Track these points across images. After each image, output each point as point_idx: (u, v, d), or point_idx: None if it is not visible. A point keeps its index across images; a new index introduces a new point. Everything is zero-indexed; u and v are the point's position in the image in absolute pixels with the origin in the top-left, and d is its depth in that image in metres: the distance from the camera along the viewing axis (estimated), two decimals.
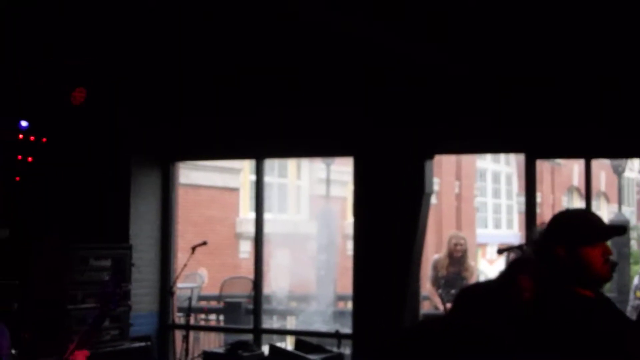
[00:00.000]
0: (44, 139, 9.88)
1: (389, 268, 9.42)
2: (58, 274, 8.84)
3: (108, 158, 10.40)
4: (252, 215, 10.85)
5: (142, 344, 9.46)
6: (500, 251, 8.08)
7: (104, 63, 9.82)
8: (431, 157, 9.51)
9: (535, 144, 9.07)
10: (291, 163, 20.72)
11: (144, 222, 10.55)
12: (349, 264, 9.99)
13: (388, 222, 9.47)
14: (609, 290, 12.88)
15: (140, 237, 10.42)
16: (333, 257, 14.83)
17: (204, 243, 9.63)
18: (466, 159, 23.39)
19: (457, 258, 11.40)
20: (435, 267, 11.53)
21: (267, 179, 10.72)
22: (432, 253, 13.90)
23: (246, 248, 19.49)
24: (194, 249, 9.43)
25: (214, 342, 12.58)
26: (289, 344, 11.58)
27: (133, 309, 9.62)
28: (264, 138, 10.22)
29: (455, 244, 11.45)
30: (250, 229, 18.58)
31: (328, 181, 18.43)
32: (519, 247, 7.84)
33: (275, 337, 12.46)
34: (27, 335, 8.00)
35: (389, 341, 4.36)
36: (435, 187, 15.67)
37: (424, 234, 9.63)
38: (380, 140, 9.54)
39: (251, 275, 10.97)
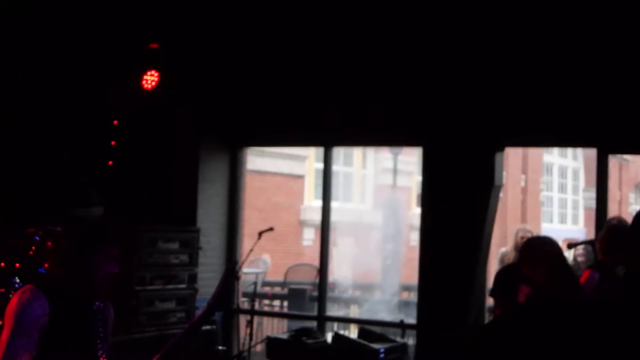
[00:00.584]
0: (115, 122, 9.99)
1: (456, 260, 9.36)
2: (127, 255, 8.92)
3: (178, 142, 10.48)
4: (317, 203, 10.86)
5: (208, 327, 9.50)
6: (570, 246, 7.99)
7: (175, 47, 9.90)
8: (501, 149, 9.41)
9: (608, 138, 8.92)
10: (357, 152, 20.69)
11: (211, 206, 10.61)
12: (413, 254, 9.95)
13: (456, 213, 9.40)
14: None
15: (207, 221, 10.48)
16: (399, 246, 14.80)
17: (271, 229, 9.64)
18: (533, 152, 23.17)
19: None
20: (502, 260, 11.42)
21: (333, 167, 10.70)
22: (496, 246, 13.79)
23: (310, 235, 19.55)
24: (260, 234, 9.45)
25: (277, 328, 12.64)
26: (352, 332, 11.56)
27: (199, 292, 9.69)
28: (333, 126, 10.20)
29: (522, 237, 11.30)
30: (315, 217, 18.68)
31: (395, 171, 18.38)
32: (590, 242, 7.75)
33: (337, 325, 12.46)
34: None
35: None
36: None
37: (492, 226, 9.55)
38: (450, 131, 9.46)
39: (315, 263, 10.98)
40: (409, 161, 20.22)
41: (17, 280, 8.27)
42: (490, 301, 10.94)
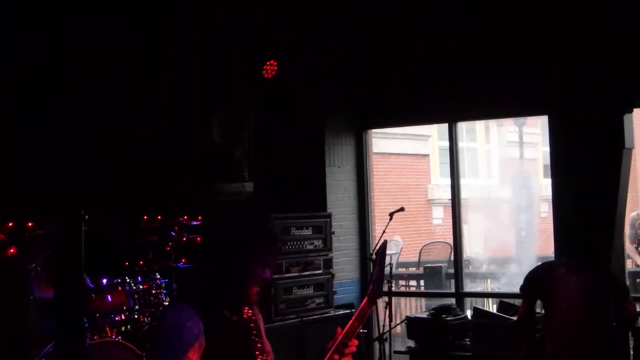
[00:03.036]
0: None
1: (591, 227, 9.20)
2: None
3: (304, 128, 10.58)
4: (443, 181, 10.81)
5: (347, 311, 9.61)
6: None
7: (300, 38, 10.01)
8: (630, 110, 9.21)
9: None
10: (480, 127, 20.52)
11: (340, 190, 10.69)
12: (544, 226, 9.84)
13: (588, 179, 9.24)
14: None
15: (337, 206, 10.56)
16: (532, 218, 14.64)
17: (402, 209, 9.66)
18: None
19: None
20: (634, 225, 11.22)
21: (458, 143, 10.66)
22: (628, 210, 13.52)
23: (439, 214, 19.49)
24: (392, 215, 9.47)
25: (415, 308, 12.66)
26: (491, 307, 11.49)
27: (335, 277, 9.79)
28: (455, 101, 10.16)
29: None
30: (442, 195, 18.64)
31: (520, 143, 18.16)
32: None
33: (474, 301, 12.40)
34: None
35: None
36: None
37: (625, 190, 9.37)
38: (575, 95, 9.30)
39: (447, 240, 10.94)
40: (534, 132, 19.97)
41: (158, 276, 8.50)
42: (629, 266, 10.77)
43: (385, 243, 4.18)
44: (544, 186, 15.64)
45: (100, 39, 8.39)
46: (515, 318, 8.74)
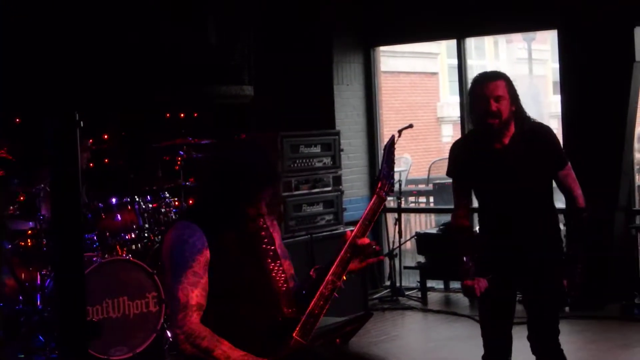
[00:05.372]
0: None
1: (602, 142, 9.19)
2: None
3: (311, 45, 10.51)
4: (452, 99, 10.74)
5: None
6: None
7: None
8: None
9: None
10: (488, 44, 20.35)
11: (349, 108, 10.66)
12: None
13: (597, 95, 9.20)
14: None
15: (346, 124, 10.54)
16: None
17: (410, 126, 9.62)
18: None
19: None
20: None
21: (467, 61, 10.58)
22: (638, 125, 13.47)
23: (448, 132, 19.46)
24: (400, 132, 9.41)
25: (423, 224, 12.71)
26: None
27: (345, 194, 9.80)
28: (463, 16, 10.06)
29: None
30: (452, 113, 18.56)
31: (530, 59, 18.04)
32: None
33: None
34: None
35: None
36: None
37: (635, 104, 9.31)
38: (585, 8, 9.21)
39: None
40: (543, 49, 19.81)
41: (167, 195, 8.51)
42: (639, 180, 10.76)
43: (392, 137, 4.10)
44: (554, 103, 15.57)
45: None
46: None
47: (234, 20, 9.78)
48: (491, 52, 20.77)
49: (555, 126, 9.89)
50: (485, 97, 5.03)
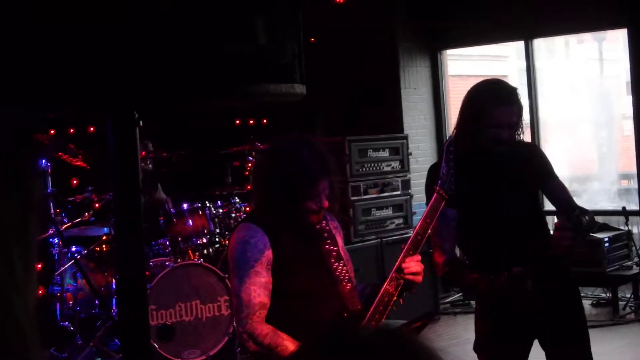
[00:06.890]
0: (312, 39, 10.09)
1: None
2: (340, 166, 9.09)
3: (378, 51, 10.54)
4: (522, 102, 10.62)
5: None
6: None
7: None
8: None
9: None
10: (559, 44, 20.17)
11: (416, 112, 10.67)
12: (627, 143, 9.70)
13: None
14: None
15: (414, 128, 10.55)
16: (613, 134, 14.42)
17: None
18: None
19: None
20: None
21: (536, 63, 10.52)
22: None
23: None
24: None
25: None
26: None
27: (414, 198, 9.79)
28: (531, 17, 10.01)
29: None
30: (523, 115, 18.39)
31: (601, 59, 17.81)
32: None
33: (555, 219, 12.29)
34: None
35: None
36: None
37: None
38: None
39: None
40: (615, 48, 19.55)
41: (237, 200, 8.60)
42: None
43: (451, 136, 4.15)
44: (627, 104, 15.37)
45: None
46: (598, 235, 8.72)
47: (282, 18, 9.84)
48: (562, 53, 20.59)
49: (630, 128, 9.79)
50: (498, 124, 4.39)
